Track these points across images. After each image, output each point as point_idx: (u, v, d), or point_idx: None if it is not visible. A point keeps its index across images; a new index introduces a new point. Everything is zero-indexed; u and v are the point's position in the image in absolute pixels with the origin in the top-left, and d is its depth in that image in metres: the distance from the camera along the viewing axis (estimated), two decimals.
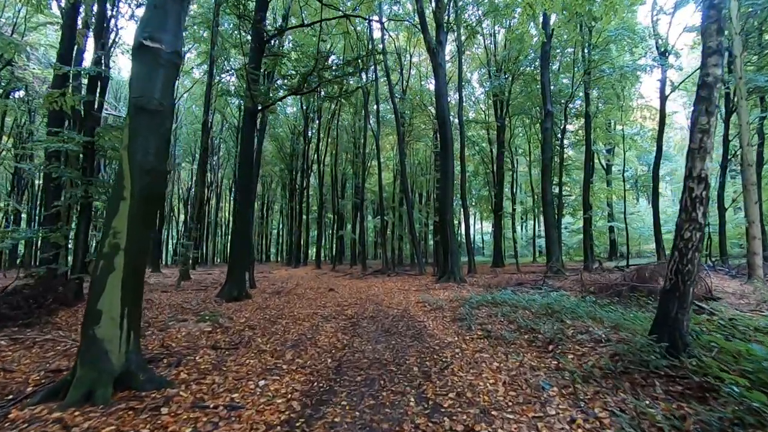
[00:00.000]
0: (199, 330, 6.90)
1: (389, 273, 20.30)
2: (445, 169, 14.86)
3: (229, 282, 11.34)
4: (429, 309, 9.07)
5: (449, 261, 14.43)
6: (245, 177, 11.75)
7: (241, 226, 11.55)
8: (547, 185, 17.18)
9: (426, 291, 12.60)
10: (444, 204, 14.86)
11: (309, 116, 30.05)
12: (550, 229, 17.03)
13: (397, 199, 30.19)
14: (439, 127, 15.37)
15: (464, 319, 7.45)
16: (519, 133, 32.35)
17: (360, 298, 11.38)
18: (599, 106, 23.36)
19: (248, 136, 11.83)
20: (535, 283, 13.58)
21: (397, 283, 15.83)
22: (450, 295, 11.25)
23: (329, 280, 18.00)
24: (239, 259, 11.46)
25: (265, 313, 8.89)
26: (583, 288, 9.68)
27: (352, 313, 8.75)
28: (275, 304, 10.38)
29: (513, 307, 8.20)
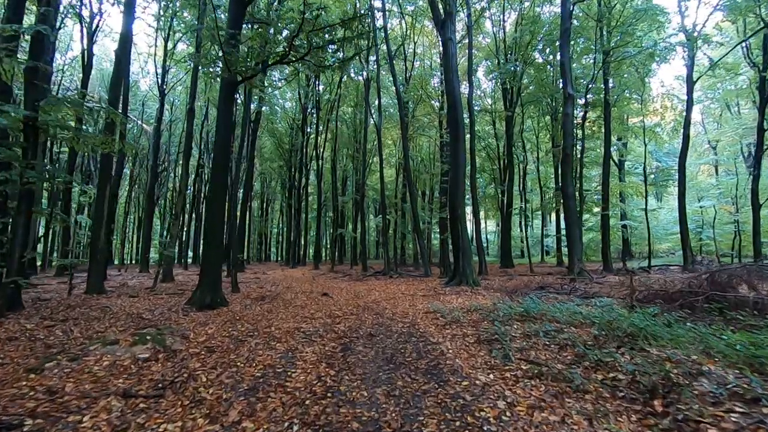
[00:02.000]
0: (130, 357, 4.88)
1: (391, 274, 18.26)
2: (455, 157, 12.79)
3: (201, 287, 9.31)
4: (443, 323, 7.02)
5: (460, 261, 12.38)
6: (220, 164, 9.71)
7: (215, 221, 9.52)
8: (568, 177, 15.10)
9: (435, 296, 10.55)
10: (454, 197, 12.79)
11: (307, 108, 28.06)
12: (572, 225, 14.94)
13: (399, 195, 28.11)
14: (449, 109, 13.30)
15: (495, 341, 5.41)
16: (526, 128, 30.21)
17: (357, 306, 9.34)
18: (616, 96, 21.25)
19: (225, 114, 9.80)
20: (562, 287, 11.52)
21: (401, 286, 13.79)
22: (465, 302, 9.20)
23: (325, 283, 15.96)
24: (212, 260, 9.43)
25: (236, 327, 6.86)
26: (634, 297, 7.62)
27: (345, 329, 6.71)
28: (254, 314, 8.35)
29: (555, 322, 6.15)
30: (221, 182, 9.68)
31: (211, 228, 9.51)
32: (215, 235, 9.50)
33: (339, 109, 28.26)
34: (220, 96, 9.99)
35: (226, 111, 9.83)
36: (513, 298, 9.81)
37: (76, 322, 7.65)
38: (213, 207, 9.58)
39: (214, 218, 9.55)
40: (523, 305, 7.56)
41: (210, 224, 9.56)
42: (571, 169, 15.34)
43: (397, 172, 31.05)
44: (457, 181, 12.71)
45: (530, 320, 6.50)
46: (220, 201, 9.61)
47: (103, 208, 12.26)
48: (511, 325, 6.23)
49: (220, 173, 9.66)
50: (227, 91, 9.85)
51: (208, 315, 8.25)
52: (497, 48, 23.83)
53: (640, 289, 8.00)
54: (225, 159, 9.82)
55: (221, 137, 9.76)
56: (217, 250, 9.53)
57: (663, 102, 22.73)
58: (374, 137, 29.02)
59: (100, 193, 12.33)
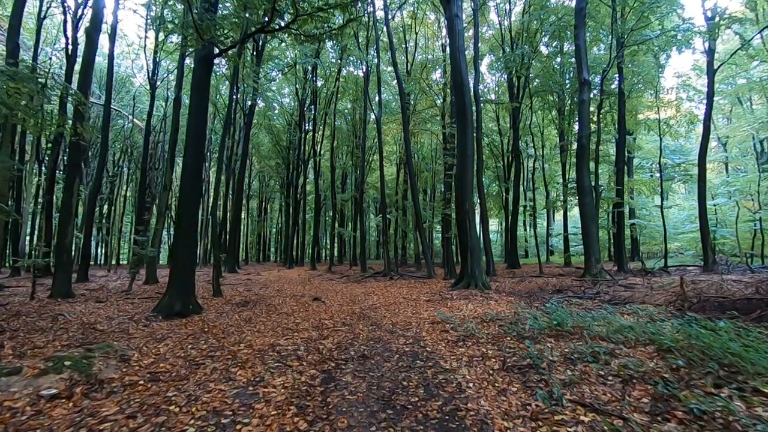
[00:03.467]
0: (30, 395, 3.49)
1: (392, 275, 16.84)
2: (462, 145, 11.35)
3: (170, 292, 7.91)
4: (454, 337, 5.61)
5: (468, 262, 10.95)
6: (193, 151, 8.30)
7: (186, 216, 8.11)
8: (584, 170, 13.67)
9: (441, 302, 9.13)
10: (462, 190, 11.36)
11: (305, 102, 26.69)
12: (589, 223, 13.51)
13: (400, 193, 26.65)
14: (455, 93, 11.87)
15: (528, 368, 4.00)
16: (531, 124, 28.68)
17: (351, 314, 7.93)
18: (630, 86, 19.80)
19: (199, 94, 8.39)
20: (584, 291, 10.09)
21: (402, 289, 12.37)
22: (477, 309, 7.79)
23: (320, 285, 14.55)
24: (183, 260, 8.03)
25: (198, 344, 5.47)
26: (685, 303, 6.20)
27: (333, 346, 5.30)
28: (227, 325, 6.94)
29: (600, 340, 4.73)
30: (194, 173, 8.27)
31: (183, 224, 8.10)
32: (187, 231, 8.09)
33: (337, 104, 26.88)
34: (195, 73, 8.60)
35: (201, 91, 8.42)
36: (532, 304, 8.40)
37: (13, 334, 6.27)
38: (184, 200, 8.17)
39: (185, 213, 8.14)
40: (550, 314, 6.15)
41: (181, 226, 8.13)
42: (588, 163, 13.90)
43: (398, 170, 29.63)
44: (464, 173, 11.28)
45: (565, 336, 5.09)
46: (192, 193, 8.21)
47: (70, 203, 10.88)
48: (543, 343, 4.82)
49: (192, 162, 8.25)
50: (202, 67, 8.47)
51: (174, 325, 6.85)
52: (503, 38, 22.42)
53: (692, 294, 6.58)
54: (198, 146, 8.41)
55: (195, 121, 8.36)
56: (188, 249, 8.13)
57: (678, 94, 21.27)
58: (374, 135, 27.69)
59: (68, 187, 10.95)
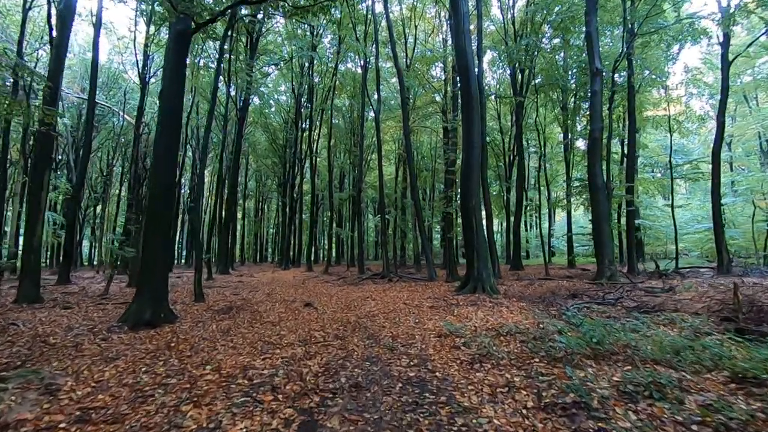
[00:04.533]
0: None
1: (391, 277, 15.78)
2: (468, 136, 10.31)
3: (139, 298, 6.88)
4: (468, 357, 4.57)
5: (475, 263, 9.91)
6: (167, 139, 7.26)
7: (158, 210, 7.06)
8: (597, 166, 12.66)
9: (446, 308, 8.09)
10: (467, 185, 10.31)
11: (302, 97, 25.67)
12: (601, 222, 12.50)
13: (399, 191, 25.58)
14: (461, 78, 10.80)
15: (574, 407, 2.97)
16: (531, 123, 27.60)
17: (346, 324, 6.88)
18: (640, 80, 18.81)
19: (174, 69, 7.36)
20: (603, 296, 9.05)
21: (402, 292, 11.32)
22: (489, 318, 6.75)
23: (314, 288, 13.49)
24: (154, 261, 6.98)
25: (156, 366, 4.42)
26: (739, 314, 5.19)
27: (320, 369, 4.26)
28: (200, 338, 5.90)
29: (654, 364, 3.72)
30: (167, 162, 7.22)
31: (153, 220, 7.05)
32: (158, 227, 7.04)
33: (335, 101, 25.89)
34: (169, 51, 7.56)
35: (177, 66, 7.38)
36: (549, 312, 7.38)
37: None
38: (156, 192, 7.13)
39: (157, 207, 7.09)
40: (578, 326, 5.13)
41: (151, 224, 7.08)
42: (600, 158, 12.90)
43: (397, 169, 28.59)
44: (470, 166, 10.23)
45: (608, 357, 4.06)
46: (165, 186, 7.16)
47: (39, 198, 9.82)
48: (583, 368, 3.80)
49: (164, 151, 7.20)
50: (178, 44, 7.43)
51: (137, 338, 5.81)
52: (506, 31, 21.43)
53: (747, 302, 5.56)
54: (172, 132, 7.36)
55: (169, 105, 7.31)
56: (160, 248, 7.08)
57: (688, 89, 20.34)
58: (373, 133, 26.72)
59: (36, 181, 9.90)
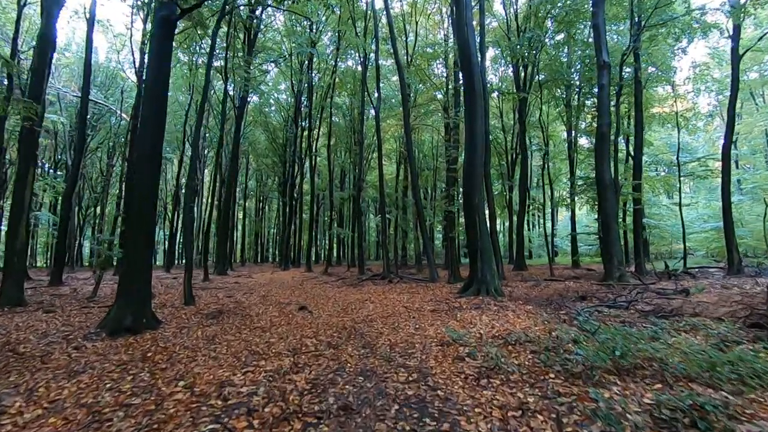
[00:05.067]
0: None
1: (391, 278, 15.29)
2: (471, 131, 9.78)
3: (119, 302, 6.39)
4: (475, 371, 4.06)
5: (478, 264, 9.38)
6: (152, 129, 6.78)
7: (139, 205, 6.58)
8: (605, 162, 12.13)
9: (449, 312, 7.58)
10: (470, 182, 9.77)
11: (302, 94, 25.20)
12: (610, 220, 11.97)
13: (400, 190, 25.05)
14: (463, 71, 10.27)
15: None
16: (534, 122, 26.94)
17: (341, 330, 6.38)
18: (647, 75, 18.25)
19: (159, 56, 6.88)
20: (615, 299, 8.52)
21: (403, 294, 10.82)
22: (495, 323, 6.25)
23: (312, 289, 13.00)
24: (136, 261, 6.50)
25: (123, 382, 3.94)
26: None
27: (307, 386, 3.76)
28: (181, 347, 5.42)
29: (688, 381, 3.20)
30: (150, 155, 6.72)
31: (135, 217, 6.57)
32: (140, 225, 6.55)
33: (335, 99, 25.42)
34: (153, 38, 7.07)
35: (161, 58, 6.90)
36: (558, 316, 6.86)
37: None
38: (138, 187, 6.65)
39: (138, 203, 6.60)
40: (593, 334, 4.61)
41: (132, 210, 6.61)
42: (608, 154, 12.37)
43: (398, 168, 28.09)
44: (473, 163, 9.70)
45: (633, 372, 3.56)
46: (147, 180, 6.67)
47: (22, 197, 9.36)
48: (606, 386, 3.29)
49: (146, 143, 6.72)
50: (162, 30, 6.96)
51: (113, 347, 5.33)
52: (508, 27, 20.93)
53: None
54: (156, 122, 6.86)
55: (153, 92, 6.83)
56: (142, 247, 6.59)
57: (695, 85, 19.75)
58: (373, 133, 26.25)
59: (20, 180, 9.45)
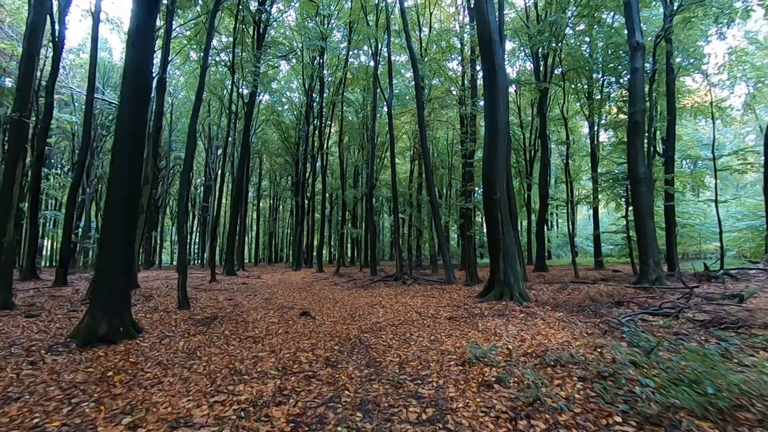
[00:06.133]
0: None
1: (405, 280, 14.33)
2: (491, 119, 8.74)
3: (93, 308, 5.59)
4: (507, 405, 3.07)
5: (501, 265, 8.34)
6: (132, 115, 5.97)
7: (118, 204, 5.77)
8: (639, 155, 10.90)
9: (469, 320, 6.58)
10: (491, 175, 8.72)
11: (313, 88, 24.48)
12: (644, 217, 10.74)
13: (414, 187, 24.02)
14: (482, 53, 9.22)
15: None
16: (553, 115, 25.53)
17: (344, 341, 5.46)
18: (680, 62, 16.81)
19: (141, 42, 6.08)
20: (653, 303, 7.38)
21: (416, 298, 9.86)
22: (524, 335, 5.24)
23: (320, 291, 12.14)
24: (112, 263, 5.69)
25: (53, 416, 3.10)
26: None
27: (286, 427, 2.84)
28: (153, 363, 4.58)
29: None
30: (130, 145, 5.90)
31: (112, 210, 5.77)
32: (118, 222, 5.75)
33: (347, 95, 24.62)
34: (133, 17, 6.25)
35: (143, 39, 6.10)
36: (597, 326, 5.80)
37: None
38: (116, 179, 5.85)
39: (117, 197, 5.80)
40: (653, 357, 3.58)
41: (110, 204, 5.82)
42: (642, 145, 11.15)
43: (412, 166, 27.06)
44: (493, 155, 8.66)
45: (731, 418, 2.54)
46: (127, 171, 5.86)
47: (10, 193, 8.72)
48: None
49: (126, 132, 5.90)
50: (143, 9, 6.15)
51: (74, 363, 4.51)
52: (527, 15, 19.76)
53: None
54: (137, 108, 6.05)
55: (134, 77, 6.03)
56: (121, 247, 5.77)
57: (730, 72, 18.20)
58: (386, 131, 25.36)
59: (7, 174, 8.82)
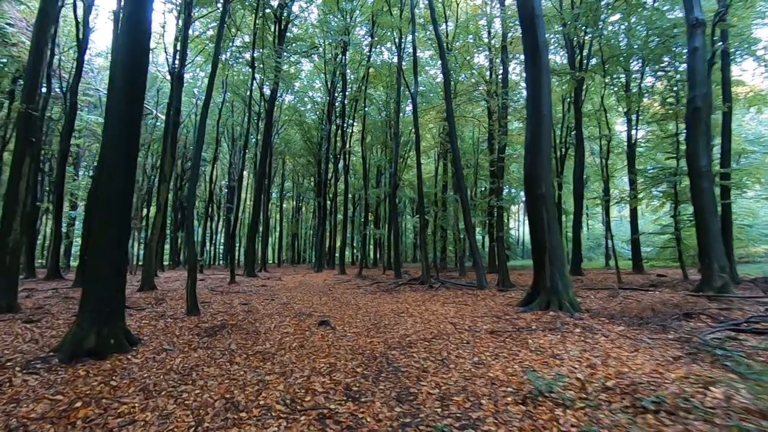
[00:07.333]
0: None
1: (431, 283, 13.26)
2: (535, 101, 7.58)
3: (81, 318, 4.82)
4: None
5: (547, 270, 7.19)
6: (124, 99, 5.19)
7: (109, 200, 4.99)
8: (699, 145, 9.52)
9: (515, 335, 5.50)
10: (535, 169, 7.55)
11: (335, 86, 23.77)
12: (706, 216, 9.36)
13: (440, 185, 22.83)
14: (524, 30, 8.03)
15: None
16: (587, 111, 23.76)
17: (368, 361, 4.49)
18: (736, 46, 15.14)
19: (133, 21, 5.32)
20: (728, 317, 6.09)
21: (447, 305, 8.80)
22: (590, 358, 4.12)
23: (341, 296, 11.23)
24: (103, 267, 4.91)
25: None
26: None
27: None
28: (138, 388, 3.74)
29: None
30: (123, 133, 5.13)
31: (101, 208, 5.01)
32: (109, 220, 4.97)
33: (369, 91, 23.77)
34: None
35: (138, 12, 5.33)
36: (675, 346, 4.62)
37: None
38: (106, 170, 5.08)
39: (108, 192, 5.03)
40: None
41: (99, 201, 5.07)
42: (704, 135, 9.75)
43: (437, 163, 25.92)
44: (538, 142, 7.52)
45: None
46: (116, 159, 5.08)
47: (17, 190, 8.19)
48: None
49: (116, 119, 5.13)
50: None
51: (44, 385, 3.71)
52: (561, 2, 18.41)
53: None
54: (133, 91, 5.27)
55: (126, 50, 5.27)
56: (111, 248, 4.99)
57: None
58: (409, 129, 24.44)
59: (15, 170, 8.29)
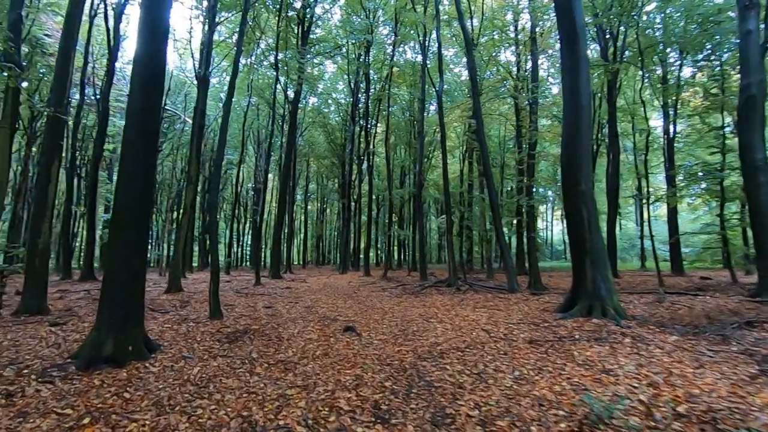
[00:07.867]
0: None
1: (459, 286, 12.70)
2: (573, 92, 6.92)
3: (99, 323, 4.64)
4: None
5: (588, 273, 6.58)
6: (143, 91, 4.99)
7: (126, 206, 4.76)
8: (755, 136, 8.63)
9: (558, 345, 4.95)
10: (574, 165, 6.90)
11: (359, 84, 23.55)
12: (764, 214, 8.48)
13: (466, 184, 22.14)
14: (560, 16, 7.22)
15: None
16: (620, 106, 22.40)
17: (396, 374, 4.08)
18: None
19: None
20: None
21: (478, 309, 8.28)
22: (648, 374, 3.55)
23: (366, 299, 10.86)
24: (121, 272, 4.70)
25: None
26: None
27: None
28: (150, 402, 3.45)
29: None
30: (139, 125, 4.92)
31: (120, 213, 4.80)
32: (128, 225, 4.76)
33: (393, 91, 23.42)
34: None
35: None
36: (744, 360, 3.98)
37: None
38: (124, 173, 4.87)
39: (126, 193, 4.82)
40: None
41: (118, 206, 4.86)
42: (760, 124, 8.84)
43: (462, 162, 25.25)
44: (577, 135, 6.90)
45: None
46: (135, 161, 4.87)
47: (45, 193, 8.21)
48: None
49: (137, 112, 4.93)
50: None
51: (53, 398, 3.48)
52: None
53: None
54: (153, 81, 5.06)
55: (147, 38, 5.06)
56: (130, 250, 4.78)
57: None
58: (433, 129, 23.94)
59: (43, 172, 8.33)
